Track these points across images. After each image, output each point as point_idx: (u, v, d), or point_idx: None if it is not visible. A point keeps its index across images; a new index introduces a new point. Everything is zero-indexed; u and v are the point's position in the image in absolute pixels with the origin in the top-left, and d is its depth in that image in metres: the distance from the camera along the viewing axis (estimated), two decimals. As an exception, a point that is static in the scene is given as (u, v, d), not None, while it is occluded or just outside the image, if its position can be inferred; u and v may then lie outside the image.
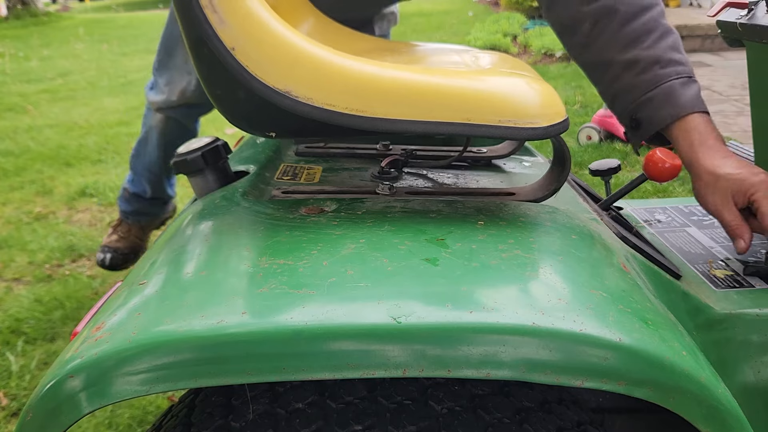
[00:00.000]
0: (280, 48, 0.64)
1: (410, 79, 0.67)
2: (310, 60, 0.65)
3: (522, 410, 0.58)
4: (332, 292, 0.52)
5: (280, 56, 0.64)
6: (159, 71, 1.70)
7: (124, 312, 0.53)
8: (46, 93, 5.07)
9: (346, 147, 1.05)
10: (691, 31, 5.56)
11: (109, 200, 2.75)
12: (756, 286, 0.86)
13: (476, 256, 0.59)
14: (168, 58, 1.67)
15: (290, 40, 0.65)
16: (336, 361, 0.48)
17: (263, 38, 0.64)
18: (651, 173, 0.87)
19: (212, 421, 0.58)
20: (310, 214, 0.70)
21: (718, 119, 3.62)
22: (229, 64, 0.63)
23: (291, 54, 0.65)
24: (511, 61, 0.91)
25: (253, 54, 0.63)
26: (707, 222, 1.08)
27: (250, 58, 0.63)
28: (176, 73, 1.65)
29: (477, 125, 0.67)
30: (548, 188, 0.80)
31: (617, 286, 0.60)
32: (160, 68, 1.70)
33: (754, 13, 0.96)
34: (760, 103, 1.04)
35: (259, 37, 0.64)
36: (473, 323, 0.49)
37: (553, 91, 0.74)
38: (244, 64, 0.63)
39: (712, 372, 0.55)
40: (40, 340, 1.76)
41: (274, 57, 0.64)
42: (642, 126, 0.89)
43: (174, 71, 1.66)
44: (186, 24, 0.64)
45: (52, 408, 0.48)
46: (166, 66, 1.68)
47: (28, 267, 2.20)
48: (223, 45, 0.63)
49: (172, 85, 1.67)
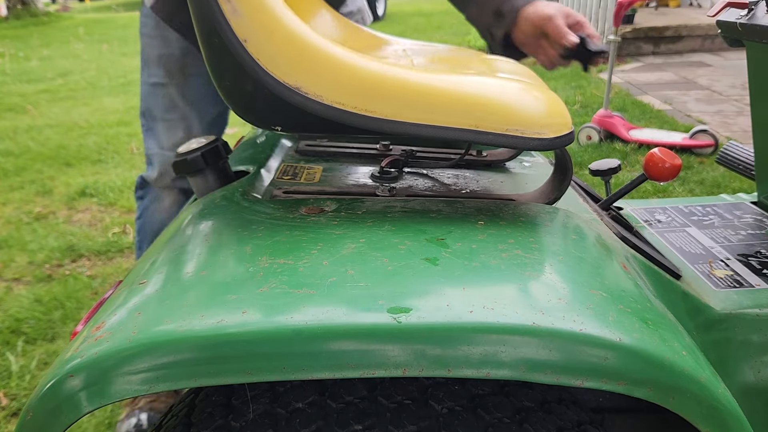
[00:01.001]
0: (292, 43, 0.64)
1: (419, 82, 0.67)
2: (322, 57, 0.65)
3: (522, 410, 0.58)
4: (332, 291, 0.52)
5: (292, 51, 0.64)
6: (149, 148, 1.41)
7: (124, 312, 0.53)
8: (46, 93, 5.07)
9: (346, 147, 1.05)
10: (691, 31, 5.56)
11: (109, 200, 2.75)
12: (756, 286, 0.86)
13: (476, 255, 0.59)
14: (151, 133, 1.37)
15: (303, 35, 0.65)
16: (336, 361, 0.48)
17: (276, 31, 0.63)
18: (651, 173, 0.87)
19: (212, 420, 0.58)
20: (310, 213, 0.70)
21: (718, 119, 3.62)
22: (240, 56, 0.63)
23: (303, 49, 0.64)
24: (517, 67, 0.91)
25: (265, 47, 0.63)
26: (707, 222, 1.08)
27: (262, 51, 0.63)
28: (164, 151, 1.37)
29: (484, 132, 0.66)
30: (549, 197, 0.80)
31: (617, 286, 0.60)
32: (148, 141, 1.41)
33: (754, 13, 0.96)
34: (760, 103, 1.04)
35: (271, 29, 0.63)
36: (473, 323, 0.49)
37: (560, 101, 0.74)
38: (256, 57, 0.63)
39: (712, 372, 0.55)
40: (40, 340, 1.76)
41: (286, 51, 0.63)
42: (505, 16, 1.08)
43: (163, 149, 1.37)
44: (198, 13, 0.64)
45: (52, 407, 0.48)
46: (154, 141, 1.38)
47: (28, 267, 2.20)
48: (235, 36, 0.62)
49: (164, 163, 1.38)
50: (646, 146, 3.15)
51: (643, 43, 5.61)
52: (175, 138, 1.32)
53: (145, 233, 1.45)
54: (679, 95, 4.24)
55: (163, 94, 1.29)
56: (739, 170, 1.19)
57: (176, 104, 1.30)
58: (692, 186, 2.68)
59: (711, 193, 2.59)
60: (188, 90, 1.29)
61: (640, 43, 5.60)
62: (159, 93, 1.29)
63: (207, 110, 1.34)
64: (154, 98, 1.30)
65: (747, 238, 1.01)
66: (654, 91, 4.36)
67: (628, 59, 5.48)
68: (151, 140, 1.35)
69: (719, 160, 1.24)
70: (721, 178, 2.71)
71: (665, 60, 5.40)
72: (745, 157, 1.18)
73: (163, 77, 1.28)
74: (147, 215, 1.45)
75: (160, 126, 1.32)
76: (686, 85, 4.51)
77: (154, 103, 1.30)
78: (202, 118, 1.33)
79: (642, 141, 3.18)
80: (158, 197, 1.42)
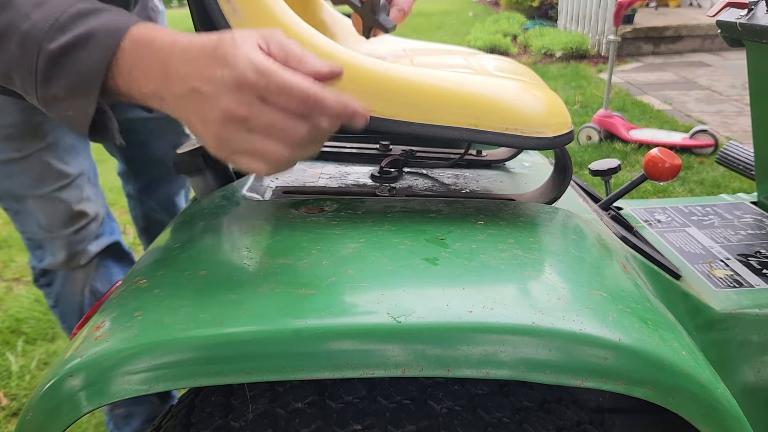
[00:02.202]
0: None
1: (418, 82, 0.67)
2: (322, 56, 0.64)
3: (521, 410, 0.58)
4: (332, 291, 0.52)
5: None
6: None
7: (124, 312, 0.53)
8: (46, 93, 5.06)
9: (346, 146, 1.05)
10: (691, 31, 5.56)
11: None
12: (756, 286, 0.86)
13: (476, 255, 0.59)
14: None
15: (302, 35, 0.65)
16: (336, 361, 0.48)
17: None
18: (651, 173, 0.87)
19: (212, 420, 0.58)
20: (310, 213, 0.70)
21: (718, 119, 3.62)
22: None
23: None
24: (517, 66, 0.91)
25: None
26: (707, 222, 1.08)
27: None
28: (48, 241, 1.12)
29: (483, 131, 0.67)
30: (548, 196, 0.80)
31: (617, 286, 0.60)
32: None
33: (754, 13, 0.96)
34: (760, 103, 1.04)
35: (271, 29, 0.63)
36: (473, 323, 0.49)
37: (559, 100, 0.74)
38: None
39: (711, 372, 0.55)
40: (40, 340, 1.76)
41: None
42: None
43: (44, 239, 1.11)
44: (197, 12, 0.64)
45: (52, 407, 0.48)
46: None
47: (28, 267, 2.19)
48: None
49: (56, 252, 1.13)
50: (646, 146, 3.15)
51: (643, 43, 5.61)
52: (64, 208, 1.06)
53: (70, 315, 1.19)
54: (679, 95, 4.24)
55: (24, 169, 1.01)
56: (739, 170, 1.19)
57: (48, 173, 1.03)
58: (692, 186, 2.68)
59: (711, 193, 2.59)
60: (54, 150, 1.02)
61: (640, 43, 5.60)
62: (17, 169, 1.00)
63: (83, 156, 1.11)
64: (14, 177, 1.01)
65: (747, 238, 1.01)
66: (654, 91, 4.36)
67: (628, 59, 5.48)
68: (30, 225, 1.09)
69: (719, 160, 1.24)
70: (721, 178, 2.71)
71: (665, 60, 5.40)
72: (745, 157, 1.18)
73: (18, 149, 0.99)
74: (64, 300, 1.19)
75: (34, 205, 1.05)
76: (686, 85, 4.51)
77: (16, 183, 1.02)
78: (85, 168, 1.11)
79: (642, 141, 3.18)
80: (71, 278, 1.16)
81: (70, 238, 1.10)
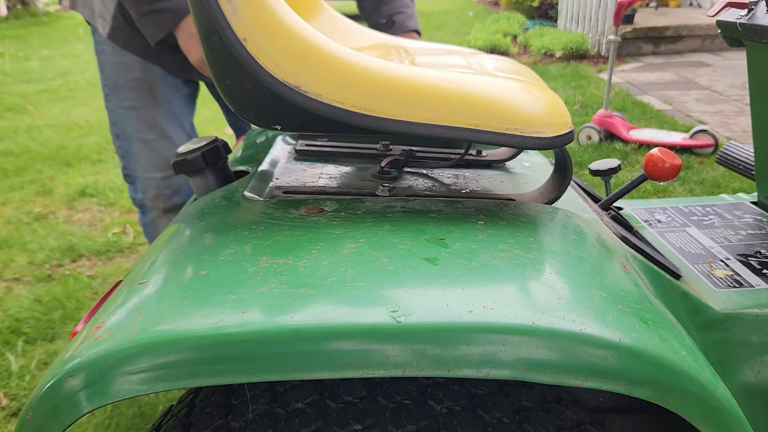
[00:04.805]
0: (292, 41, 0.64)
1: (419, 81, 0.67)
2: (322, 56, 0.64)
3: (521, 410, 0.58)
4: (332, 291, 0.52)
5: (292, 50, 0.64)
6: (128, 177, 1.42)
7: (123, 312, 0.53)
8: (46, 93, 5.07)
9: (346, 146, 1.05)
10: (691, 31, 5.56)
11: (109, 200, 2.75)
12: (756, 286, 0.86)
13: (476, 255, 0.59)
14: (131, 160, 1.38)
15: (303, 34, 0.65)
16: (336, 361, 0.48)
17: (276, 30, 0.63)
18: (651, 173, 0.87)
19: (212, 420, 0.58)
20: (310, 213, 0.70)
21: (718, 119, 3.62)
22: (240, 55, 0.63)
23: (303, 48, 0.64)
24: (517, 66, 0.91)
25: (264, 46, 0.63)
26: (707, 222, 1.08)
27: (262, 50, 0.63)
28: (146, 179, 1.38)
29: (483, 131, 0.67)
30: (548, 196, 0.80)
31: (617, 286, 0.60)
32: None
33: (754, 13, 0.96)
34: (760, 103, 1.04)
35: (271, 28, 0.63)
36: (473, 323, 0.49)
37: (560, 100, 0.74)
38: (255, 55, 0.63)
39: (712, 372, 0.55)
40: (40, 340, 1.76)
41: (285, 50, 0.63)
42: (395, 24, 1.37)
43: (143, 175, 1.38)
44: (198, 12, 0.64)
45: (52, 407, 0.48)
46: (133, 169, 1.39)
47: (28, 267, 2.20)
48: (234, 35, 0.62)
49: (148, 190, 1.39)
50: (646, 146, 3.15)
51: (643, 43, 5.61)
52: (159, 157, 1.33)
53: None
54: (679, 95, 4.24)
55: (137, 116, 1.31)
56: (739, 170, 1.19)
57: (153, 124, 1.31)
58: (692, 186, 2.68)
59: (711, 193, 2.59)
60: (161, 108, 1.32)
61: (640, 43, 5.60)
62: (133, 115, 1.31)
63: (185, 123, 1.37)
64: (129, 121, 1.32)
65: (747, 238, 1.01)
66: (654, 91, 4.36)
67: (628, 59, 5.48)
68: (133, 163, 1.36)
69: (719, 160, 1.24)
70: (721, 178, 2.71)
71: (665, 60, 5.40)
72: (745, 157, 1.18)
73: (136, 99, 1.30)
74: (147, 234, 1.48)
75: (139, 147, 1.33)
76: (686, 85, 4.51)
77: (129, 126, 1.32)
78: (182, 131, 1.36)
79: (642, 141, 3.18)
80: (156, 220, 1.42)
81: (159, 182, 1.37)
